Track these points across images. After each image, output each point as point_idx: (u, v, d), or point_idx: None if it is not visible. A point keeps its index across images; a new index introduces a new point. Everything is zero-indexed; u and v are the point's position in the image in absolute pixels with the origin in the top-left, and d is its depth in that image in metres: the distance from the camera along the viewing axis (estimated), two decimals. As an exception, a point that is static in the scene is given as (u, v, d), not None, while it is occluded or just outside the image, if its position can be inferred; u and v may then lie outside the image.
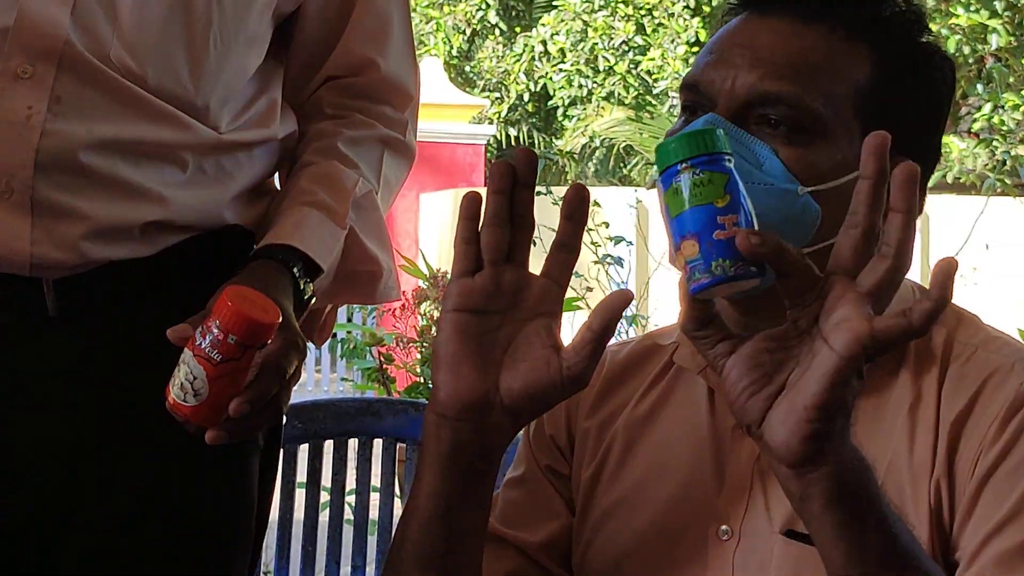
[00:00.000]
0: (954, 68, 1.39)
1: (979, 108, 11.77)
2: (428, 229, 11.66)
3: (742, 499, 1.34)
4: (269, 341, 1.33)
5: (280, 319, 1.35)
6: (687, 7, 15.19)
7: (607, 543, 1.42)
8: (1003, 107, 11.30)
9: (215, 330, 1.29)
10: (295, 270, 1.55)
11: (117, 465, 1.56)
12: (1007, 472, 1.24)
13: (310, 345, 1.64)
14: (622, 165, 16.68)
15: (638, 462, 1.43)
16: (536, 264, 1.29)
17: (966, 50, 12.00)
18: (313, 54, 1.73)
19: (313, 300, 1.59)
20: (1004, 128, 11.28)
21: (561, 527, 1.47)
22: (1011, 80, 12.01)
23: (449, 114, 12.06)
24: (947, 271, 1.03)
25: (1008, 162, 11.31)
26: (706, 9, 15.28)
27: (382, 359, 4.93)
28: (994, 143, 11.21)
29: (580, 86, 15.96)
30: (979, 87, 11.69)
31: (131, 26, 1.50)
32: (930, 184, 1.40)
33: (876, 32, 1.33)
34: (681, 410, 1.42)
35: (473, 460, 1.24)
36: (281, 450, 1.77)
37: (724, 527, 1.34)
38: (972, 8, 11.74)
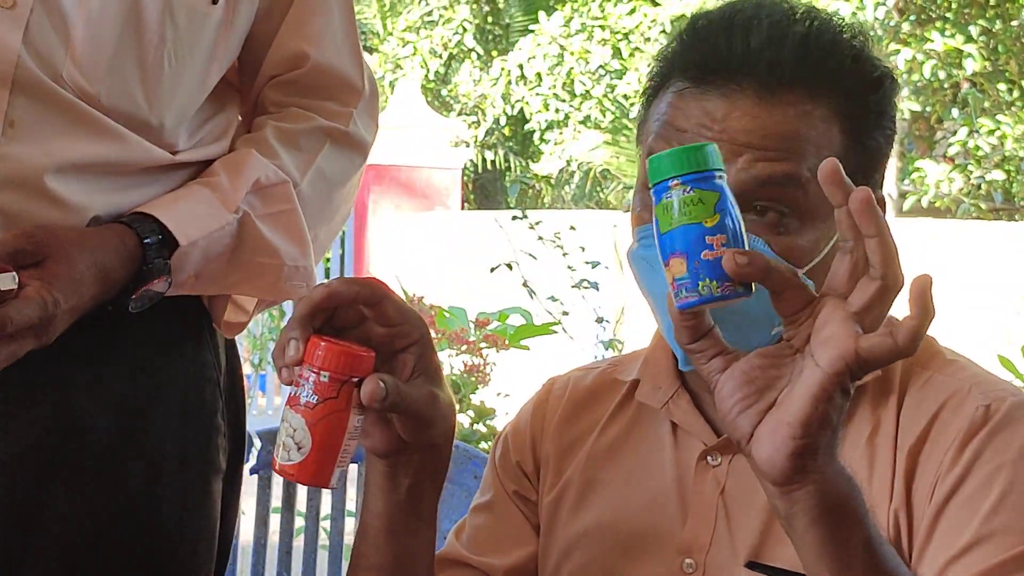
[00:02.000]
0: (897, 90, 1.39)
1: (954, 133, 11.84)
2: (405, 253, 11.65)
3: (707, 531, 1.34)
4: (366, 378, 1.19)
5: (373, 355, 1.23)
6: (664, 31, 15.22)
7: (574, 573, 1.42)
8: (978, 132, 11.36)
9: (307, 374, 1.19)
10: (146, 240, 1.50)
11: (77, 488, 1.54)
12: (965, 498, 1.24)
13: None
14: (599, 189, 16.71)
15: (601, 495, 1.43)
16: (511, 290, 1.28)
17: (941, 75, 12.08)
18: (255, 58, 1.70)
19: (165, 271, 1.53)
20: (979, 153, 11.35)
21: (529, 554, 1.48)
22: (986, 105, 12.08)
23: (426, 138, 12.06)
24: (923, 287, 1.04)
25: (983, 187, 11.37)
26: (682, 34, 15.33)
27: (358, 383, 4.91)
28: (969, 168, 11.27)
29: (557, 110, 15.98)
30: (954, 112, 11.76)
31: (83, 45, 1.48)
32: (905, 208, 1.41)
33: (836, 95, 1.31)
34: (643, 444, 1.43)
35: (409, 483, 1.26)
36: (255, 476, 1.76)
37: (688, 560, 1.35)
38: (947, 33, 11.81)
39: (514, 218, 5.63)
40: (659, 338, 1.46)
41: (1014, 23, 12.57)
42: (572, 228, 5.93)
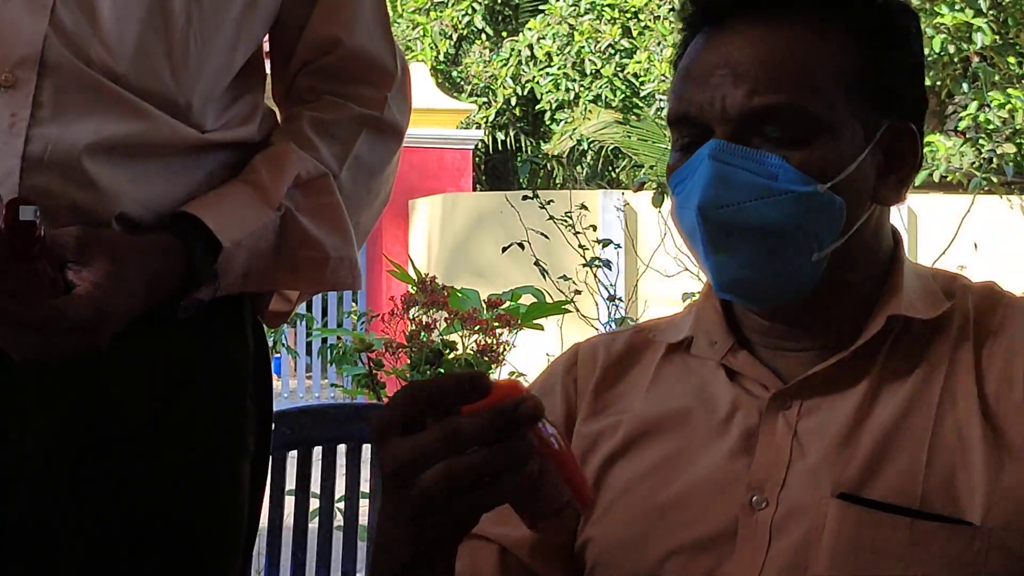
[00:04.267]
0: (918, 17, 1.42)
1: (965, 107, 11.79)
2: (417, 234, 11.65)
3: (779, 470, 1.36)
4: (545, 422, 1.10)
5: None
6: (673, 10, 15.17)
7: (622, 518, 1.43)
8: (989, 105, 11.32)
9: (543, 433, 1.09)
10: (192, 242, 1.52)
11: (108, 473, 1.55)
12: None
13: (299, 351, 1.64)
14: (610, 168, 16.67)
15: (655, 444, 1.44)
16: (523, 269, 1.29)
17: (951, 49, 12.02)
18: (286, 43, 1.72)
19: (215, 275, 1.54)
20: (990, 127, 11.30)
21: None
22: (996, 79, 12.02)
23: (437, 119, 12.05)
24: None
25: (994, 160, 11.33)
26: (692, 11, 15.29)
27: (372, 364, 4.92)
28: (980, 142, 11.23)
29: (567, 90, 15.93)
30: (964, 86, 11.72)
31: (110, 26, 1.49)
32: (917, 183, 1.44)
33: (844, 11, 1.35)
34: (699, 396, 1.44)
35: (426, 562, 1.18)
36: (269, 457, 1.76)
37: (759, 496, 1.35)
38: (957, 7, 11.76)
39: (525, 198, 5.63)
40: (707, 295, 1.49)
41: (1025, -5, 12.51)
42: (583, 207, 5.92)
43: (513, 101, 16.63)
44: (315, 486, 2.49)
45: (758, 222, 1.30)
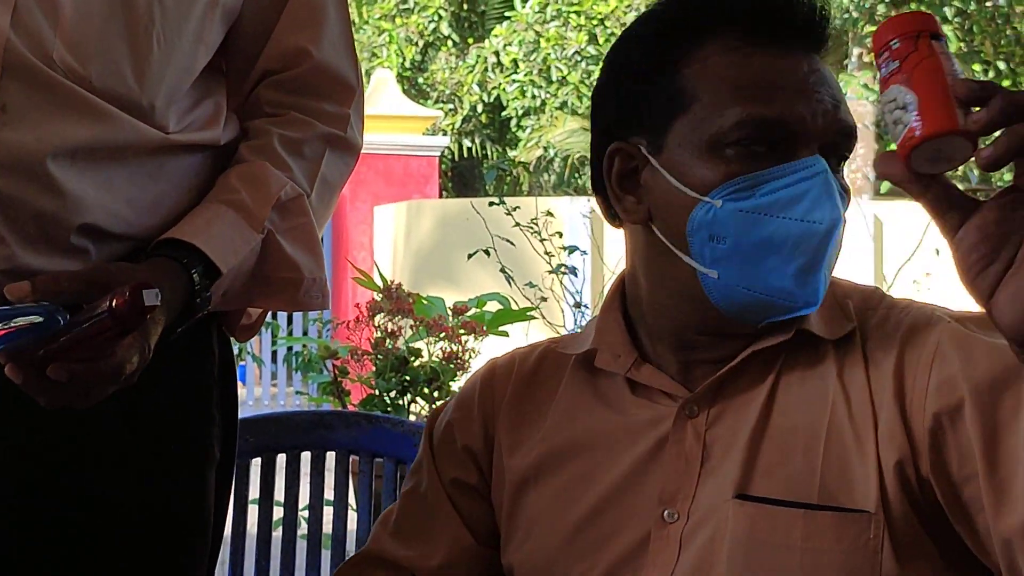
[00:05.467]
0: None
1: (930, 114, 11.83)
2: (382, 241, 11.64)
3: (690, 481, 1.38)
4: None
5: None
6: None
7: (539, 542, 1.45)
8: (953, 113, 11.37)
9: (881, 59, 1.14)
10: (194, 273, 1.51)
11: (72, 481, 1.54)
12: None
13: (264, 358, 1.63)
14: (577, 175, 16.70)
15: (567, 465, 1.46)
16: (489, 276, 1.30)
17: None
18: (249, 49, 1.69)
19: (209, 303, 1.54)
20: (955, 134, 11.35)
21: (461, 550, 1.51)
22: (961, 86, 12.09)
23: (403, 126, 12.05)
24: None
25: (960, 168, 11.39)
26: (658, 19, 15.34)
27: (337, 372, 4.91)
28: (945, 149, 11.28)
29: (533, 96, 15.98)
30: (929, 94, 11.76)
31: (73, 26, 1.47)
32: (882, 191, 1.46)
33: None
34: (607, 409, 1.46)
35: None
36: (235, 465, 1.75)
37: (670, 510, 1.37)
38: (922, 15, 11.82)
39: (491, 204, 5.62)
40: (608, 310, 1.50)
41: (988, 4, 12.60)
42: (549, 214, 5.92)
43: (479, 108, 16.66)
44: (279, 494, 2.47)
45: (834, 244, 1.36)
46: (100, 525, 1.55)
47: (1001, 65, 12.86)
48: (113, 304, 1.28)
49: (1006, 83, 12.44)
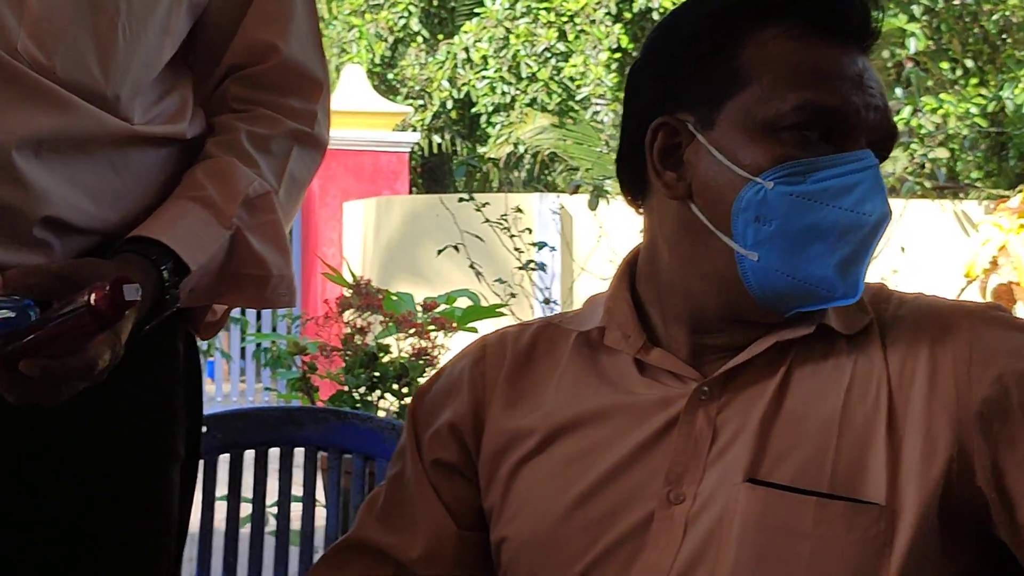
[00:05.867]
0: None
1: (898, 112, 11.89)
2: (352, 237, 11.61)
3: (698, 463, 1.38)
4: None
5: None
6: (609, 14, 15.22)
7: (536, 514, 1.45)
8: (921, 111, 11.42)
9: None
10: (163, 270, 1.50)
11: (33, 477, 1.53)
12: None
13: (233, 355, 1.62)
14: (547, 172, 16.70)
15: (570, 441, 1.45)
16: (459, 272, 1.30)
17: (885, 54, 12.13)
18: (215, 43, 1.68)
19: (177, 300, 1.54)
20: (923, 131, 11.40)
21: (443, 539, 1.51)
22: (929, 84, 12.14)
23: (372, 122, 12.01)
24: None
25: (927, 165, 11.43)
26: (627, 16, 15.32)
27: (306, 368, 4.90)
28: (912, 146, 11.33)
29: (503, 93, 15.94)
30: (898, 91, 11.81)
31: (38, 16, 1.46)
32: None
33: None
34: (613, 388, 1.46)
35: None
36: (200, 460, 1.75)
37: (675, 491, 1.38)
38: (891, 12, 11.86)
39: (461, 200, 5.62)
40: (616, 292, 1.50)
41: (956, 2, 12.64)
42: (519, 210, 5.92)
43: (449, 104, 16.62)
44: (247, 490, 2.47)
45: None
46: (62, 522, 1.54)
47: (968, 63, 12.91)
48: (92, 299, 1.26)
49: (973, 81, 12.49)
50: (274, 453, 2.46)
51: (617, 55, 15.35)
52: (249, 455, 2.45)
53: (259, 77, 1.69)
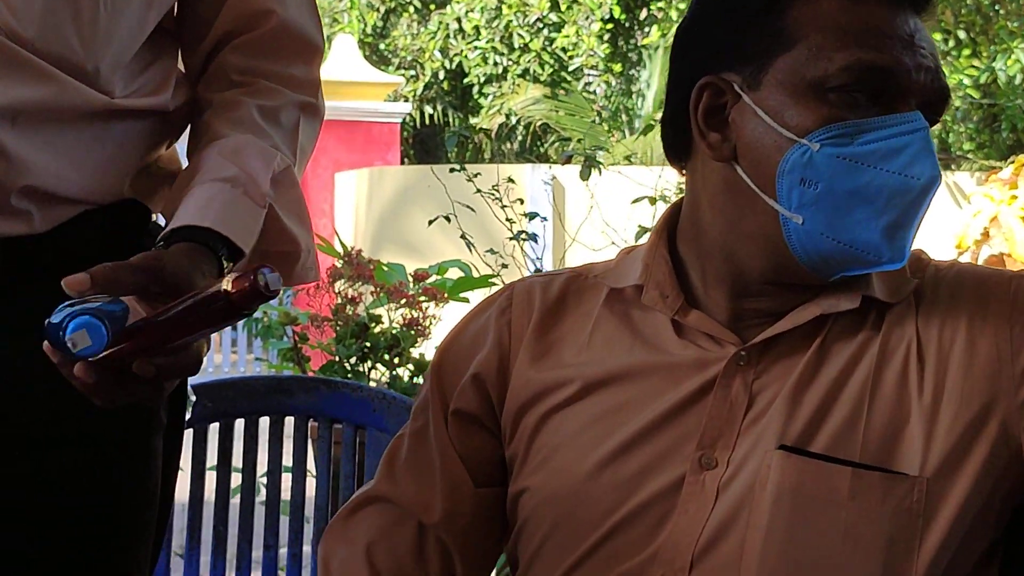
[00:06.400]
0: None
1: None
2: (343, 208, 11.60)
3: (732, 429, 1.37)
4: None
5: None
6: (601, -16, 15.18)
7: (563, 467, 1.43)
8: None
9: None
10: (222, 257, 1.47)
11: (12, 445, 1.51)
12: None
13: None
14: (539, 144, 16.68)
15: (603, 396, 1.44)
16: (450, 243, 1.29)
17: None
18: (205, 9, 1.64)
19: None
20: (915, 103, 11.39)
21: (461, 497, 1.50)
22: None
23: (364, 92, 11.99)
24: None
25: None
26: (620, -14, 15.29)
27: (297, 338, 4.89)
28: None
29: (495, 64, 15.92)
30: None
31: None
32: None
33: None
34: (646, 348, 1.44)
35: None
36: (190, 430, 1.74)
37: (707, 456, 1.37)
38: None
39: (452, 170, 5.60)
40: (654, 248, 1.48)
41: (949, -27, 12.62)
42: (511, 180, 5.90)
43: (441, 75, 16.60)
44: (237, 460, 2.46)
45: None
46: (37, 489, 1.53)
47: (961, 34, 12.90)
48: (231, 289, 1.21)
49: (966, 52, 12.48)
50: (264, 422, 2.45)
51: (609, 26, 15.33)
52: (239, 424, 2.44)
53: (257, 44, 1.65)
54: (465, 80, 16.50)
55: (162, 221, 1.64)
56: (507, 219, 5.54)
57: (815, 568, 1.31)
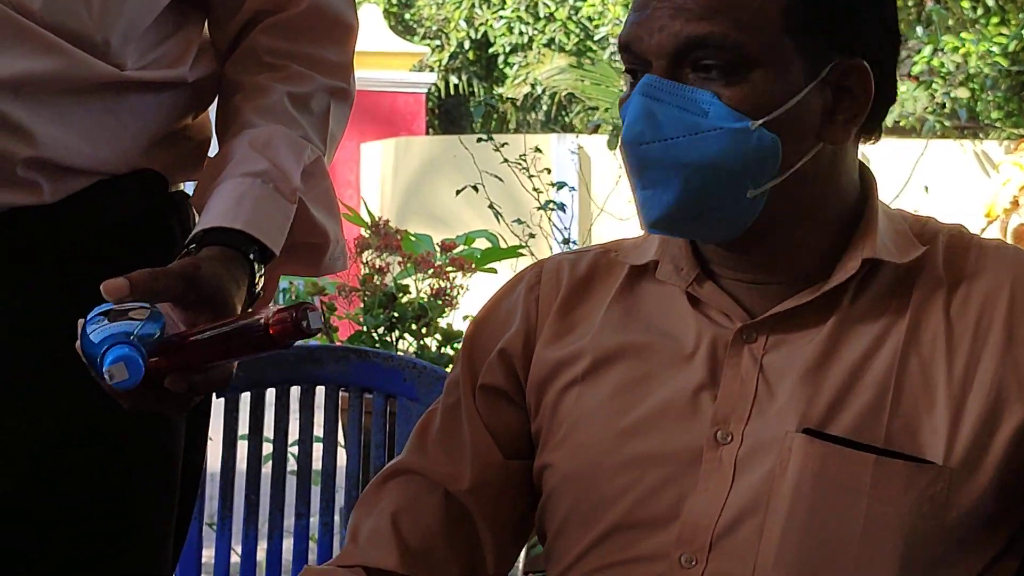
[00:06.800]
0: None
1: (919, 51, 11.80)
2: (369, 178, 11.60)
3: (744, 404, 1.36)
4: None
5: None
6: (627, -48, 15.13)
7: (583, 442, 1.44)
8: (942, 50, 11.34)
9: None
10: (253, 260, 1.47)
11: (36, 412, 1.52)
12: None
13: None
14: (565, 113, 16.65)
15: (618, 370, 1.44)
16: (477, 213, 1.28)
17: (906, -7, 12.04)
18: None
19: (262, 288, 1.51)
20: (944, 71, 11.33)
21: (490, 468, 1.51)
22: (950, 23, 12.05)
23: (389, 62, 11.98)
24: None
25: (948, 104, 11.37)
26: (646, -46, 15.25)
27: (325, 308, 4.90)
28: (934, 86, 11.26)
29: (521, 33, 15.89)
30: (919, 30, 11.73)
31: None
32: None
33: None
34: (662, 321, 1.44)
35: None
36: (221, 399, 1.73)
37: (723, 431, 1.36)
38: (911, -49, 11.76)
39: (479, 140, 5.59)
40: None
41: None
42: (537, 150, 5.90)
43: (466, 44, 16.58)
44: (268, 430, 2.47)
45: (687, 159, 1.31)
46: (58, 460, 1.53)
47: (990, 2, 12.80)
48: (271, 324, 1.25)
49: (995, 20, 12.38)
50: (295, 392, 2.46)
51: (635, -6, 15.26)
52: (271, 394, 2.45)
53: (290, 25, 1.62)
54: (490, 50, 16.48)
55: (187, 189, 1.64)
56: (534, 189, 5.53)
57: (833, 554, 1.30)
